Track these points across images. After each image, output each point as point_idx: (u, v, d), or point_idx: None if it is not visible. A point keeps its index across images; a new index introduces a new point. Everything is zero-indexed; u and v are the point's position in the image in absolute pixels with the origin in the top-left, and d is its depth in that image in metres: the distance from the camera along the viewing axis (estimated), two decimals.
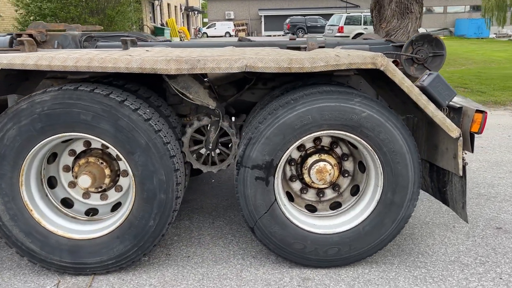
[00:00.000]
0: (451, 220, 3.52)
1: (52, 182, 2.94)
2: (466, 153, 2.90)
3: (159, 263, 2.95)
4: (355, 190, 3.05)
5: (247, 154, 2.66)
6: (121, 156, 2.63)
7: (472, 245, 3.14)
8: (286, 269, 2.87)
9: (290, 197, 3.06)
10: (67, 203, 2.96)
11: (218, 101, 2.96)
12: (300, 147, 3.00)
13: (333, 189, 3.10)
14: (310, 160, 2.94)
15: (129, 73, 2.55)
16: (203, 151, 3.11)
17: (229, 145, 3.14)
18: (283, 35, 39.73)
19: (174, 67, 2.54)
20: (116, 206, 2.99)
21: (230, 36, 49.46)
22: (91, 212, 2.98)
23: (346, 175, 3.07)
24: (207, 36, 47.67)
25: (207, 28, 51.04)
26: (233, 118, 3.28)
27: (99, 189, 2.88)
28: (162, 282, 2.75)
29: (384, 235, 2.82)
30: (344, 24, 20.15)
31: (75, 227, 2.80)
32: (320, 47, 3.50)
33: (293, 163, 3.04)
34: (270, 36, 42.48)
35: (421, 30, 5.46)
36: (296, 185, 3.08)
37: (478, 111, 2.67)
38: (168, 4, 39.16)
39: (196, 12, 56.37)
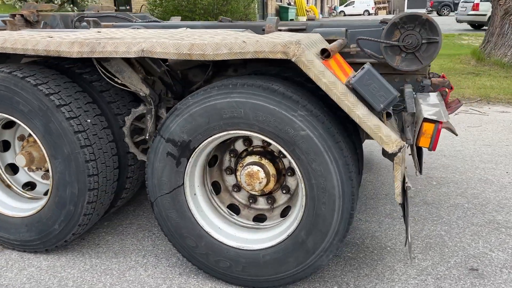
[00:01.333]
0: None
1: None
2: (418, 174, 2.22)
3: (66, 246, 2.91)
4: (288, 212, 2.60)
5: (167, 124, 2.36)
6: (45, 154, 2.63)
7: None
8: (172, 276, 2.62)
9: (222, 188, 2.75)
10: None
11: (152, 88, 2.74)
12: (246, 142, 2.65)
13: (267, 201, 2.67)
14: (248, 160, 2.56)
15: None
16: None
17: None
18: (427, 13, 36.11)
19: (76, 50, 2.39)
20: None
21: (369, 14, 47.20)
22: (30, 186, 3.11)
23: (285, 191, 2.60)
24: (344, 15, 46.16)
25: (344, 6, 49.35)
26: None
27: (39, 169, 2.97)
28: (51, 266, 2.72)
29: (283, 273, 2.35)
30: (481, 1, 17.17)
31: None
32: (295, 30, 2.99)
33: (233, 154, 2.70)
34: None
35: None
36: (230, 180, 2.73)
37: (427, 120, 1.99)
38: None
39: None
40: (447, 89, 3.13)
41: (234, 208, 2.73)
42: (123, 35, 2.55)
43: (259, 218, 2.69)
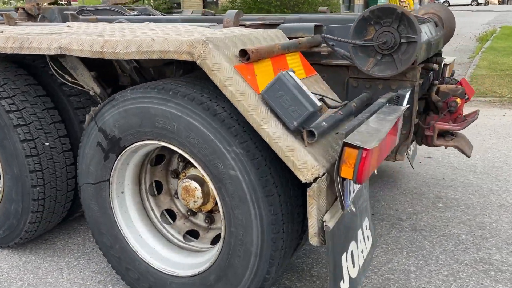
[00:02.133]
0: None
1: None
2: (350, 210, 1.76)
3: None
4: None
5: (102, 111, 2.09)
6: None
7: None
8: (89, 283, 2.43)
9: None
10: None
11: (104, 87, 2.55)
12: None
13: (205, 219, 2.34)
14: (192, 171, 2.27)
15: None
16: None
17: None
18: None
19: (9, 46, 2.26)
20: None
21: (478, 4, 42.94)
22: None
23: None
24: (449, 5, 42.41)
25: None
26: None
27: None
28: None
29: None
30: None
31: None
32: (268, 26, 2.59)
33: (181, 159, 2.37)
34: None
35: None
36: (174, 183, 2.44)
37: (348, 144, 1.53)
38: None
39: None
40: (458, 99, 2.54)
41: (172, 214, 2.46)
42: (57, 30, 2.39)
43: (194, 232, 2.39)
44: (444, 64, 3.35)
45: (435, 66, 2.56)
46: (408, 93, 2.13)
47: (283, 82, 1.60)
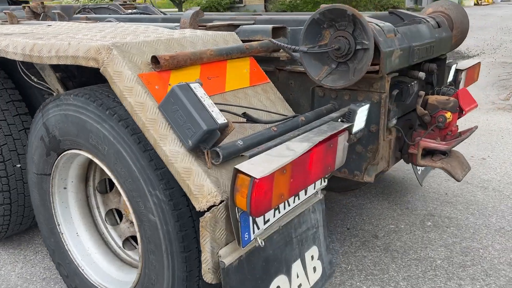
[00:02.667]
0: None
1: None
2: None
3: None
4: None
5: (48, 106, 1.97)
6: None
7: None
8: (35, 279, 2.39)
9: None
10: None
11: (68, 89, 2.48)
12: None
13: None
14: None
15: None
16: None
17: None
18: None
19: None
20: None
21: None
22: None
23: None
24: None
25: None
26: None
27: None
28: None
29: None
30: None
31: None
32: (235, 26, 2.36)
33: None
34: None
35: None
36: None
37: (240, 171, 1.30)
38: None
39: None
40: (449, 114, 2.18)
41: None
42: (24, 30, 2.35)
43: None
44: (456, 69, 2.94)
45: (421, 74, 2.21)
46: (363, 108, 1.82)
47: (177, 96, 1.40)
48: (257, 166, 1.31)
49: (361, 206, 3.17)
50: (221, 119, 1.41)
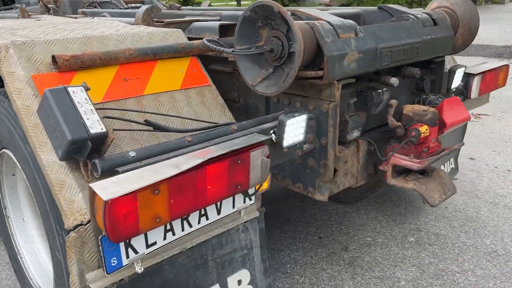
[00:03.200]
0: None
1: None
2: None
3: None
4: None
5: None
6: None
7: None
8: None
9: None
10: None
11: None
12: None
13: None
14: None
15: None
16: None
17: None
18: None
19: None
20: None
21: None
22: None
23: None
24: None
25: None
26: None
27: None
28: None
29: None
30: None
31: None
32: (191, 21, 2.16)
33: None
34: None
35: None
36: None
37: (93, 190, 1.13)
38: None
39: None
40: (424, 127, 1.87)
41: None
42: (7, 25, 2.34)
43: None
44: (467, 73, 2.54)
45: (393, 80, 1.89)
46: (296, 119, 1.57)
47: (47, 101, 1.25)
48: (116, 186, 1.14)
49: (345, 214, 2.88)
50: (96, 128, 1.25)
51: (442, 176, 2.01)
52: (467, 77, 2.58)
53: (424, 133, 1.86)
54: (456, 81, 2.45)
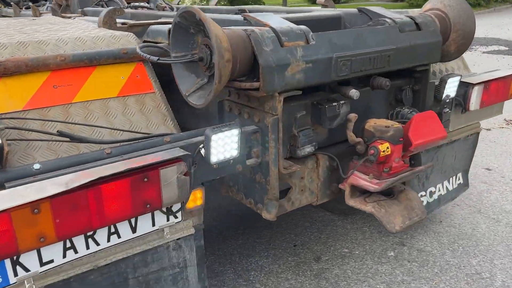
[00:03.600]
0: None
1: None
2: None
3: None
4: None
5: None
6: None
7: None
8: None
9: None
10: None
11: None
12: None
13: None
14: None
15: None
16: None
17: None
18: None
19: None
20: None
21: None
22: None
23: None
24: None
25: None
26: None
27: None
28: None
29: None
30: None
31: None
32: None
33: None
34: None
35: None
36: None
37: None
38: None
39: None
40: (385, 146, 1.69)
41: None
42: None
43: None
44: (464, 83, 2.28)
45: (352, 93, 1.70)
46: (223, 134, 1.44)
47: None
48: None
49: (329, 222, 2.71)
50: None
51: (410, 198, 1.81)
52: (466, 86, 2.33)
53: (384, 151, 1.67)
54: (449, 91, 2.21)
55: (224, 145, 1.47)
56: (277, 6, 3.42)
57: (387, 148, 1.68)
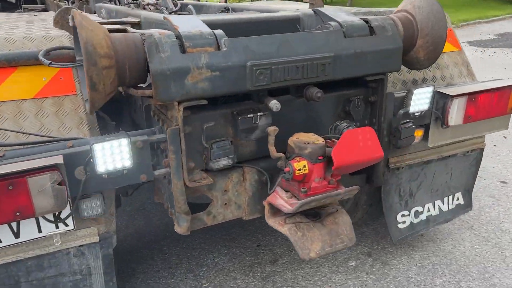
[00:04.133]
0: None
1: None
2: None
3: None
4: None
5: None
6: None
7: None
8: None
9: None
10: None
11: None
12: None
13: None
14: None
15: None
16: None
17: None
18: None
19: None
20: None
21: None
22: None
23: None
24: None
25: None
26: None
27: None
28: None
29: None
30: None
31: None
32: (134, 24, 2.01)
33: None
34: None
35: None
36: None
37: None
38: None
39: None
40: (302, 164, 1.55)
41: None
42: None
43: None
44: (441, 94, 2.02)
45: (272, 104, 1.54)
46: (107, 143, 1.37)
47: None
48: None
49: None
50: None
51: (337, 222, 1.63)
52: (445, 98, 2.06)
53: (300, 170, 1.51)
54: (419, 104, 1.97)
55: (112, 154, 1.40)
56: (260, 4, 3.26)
57: (304, 166, 1.52)
